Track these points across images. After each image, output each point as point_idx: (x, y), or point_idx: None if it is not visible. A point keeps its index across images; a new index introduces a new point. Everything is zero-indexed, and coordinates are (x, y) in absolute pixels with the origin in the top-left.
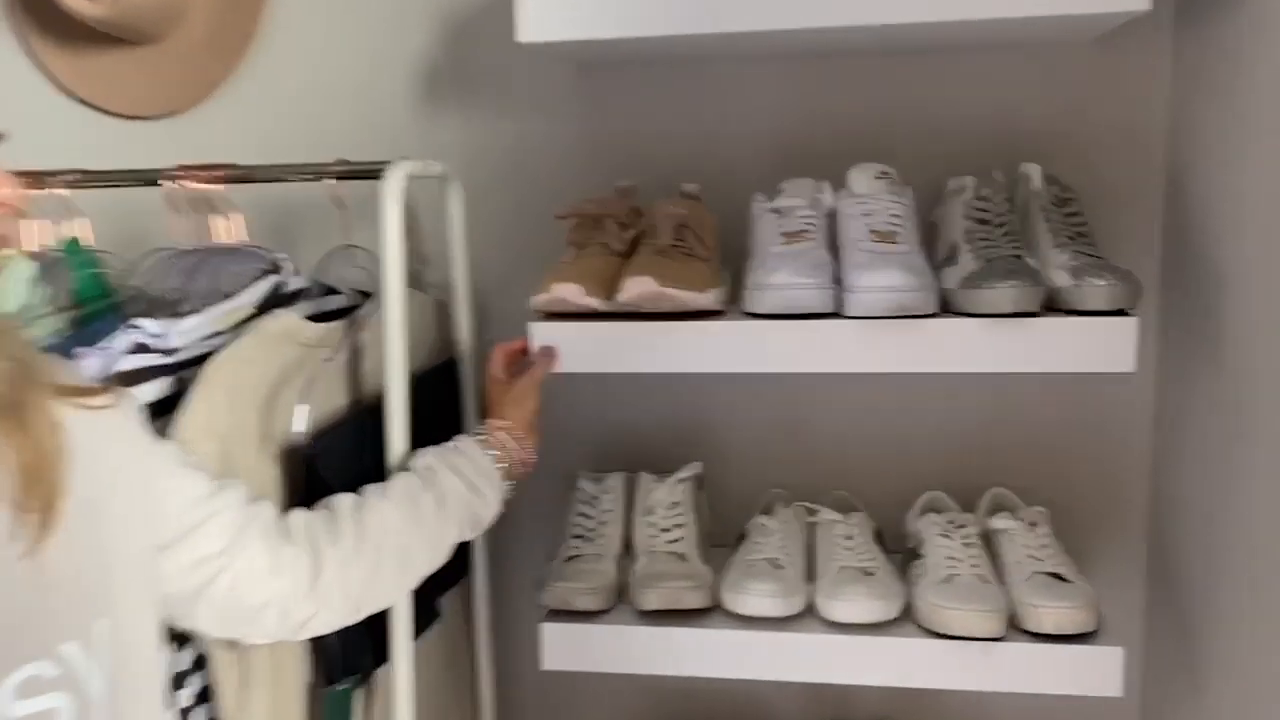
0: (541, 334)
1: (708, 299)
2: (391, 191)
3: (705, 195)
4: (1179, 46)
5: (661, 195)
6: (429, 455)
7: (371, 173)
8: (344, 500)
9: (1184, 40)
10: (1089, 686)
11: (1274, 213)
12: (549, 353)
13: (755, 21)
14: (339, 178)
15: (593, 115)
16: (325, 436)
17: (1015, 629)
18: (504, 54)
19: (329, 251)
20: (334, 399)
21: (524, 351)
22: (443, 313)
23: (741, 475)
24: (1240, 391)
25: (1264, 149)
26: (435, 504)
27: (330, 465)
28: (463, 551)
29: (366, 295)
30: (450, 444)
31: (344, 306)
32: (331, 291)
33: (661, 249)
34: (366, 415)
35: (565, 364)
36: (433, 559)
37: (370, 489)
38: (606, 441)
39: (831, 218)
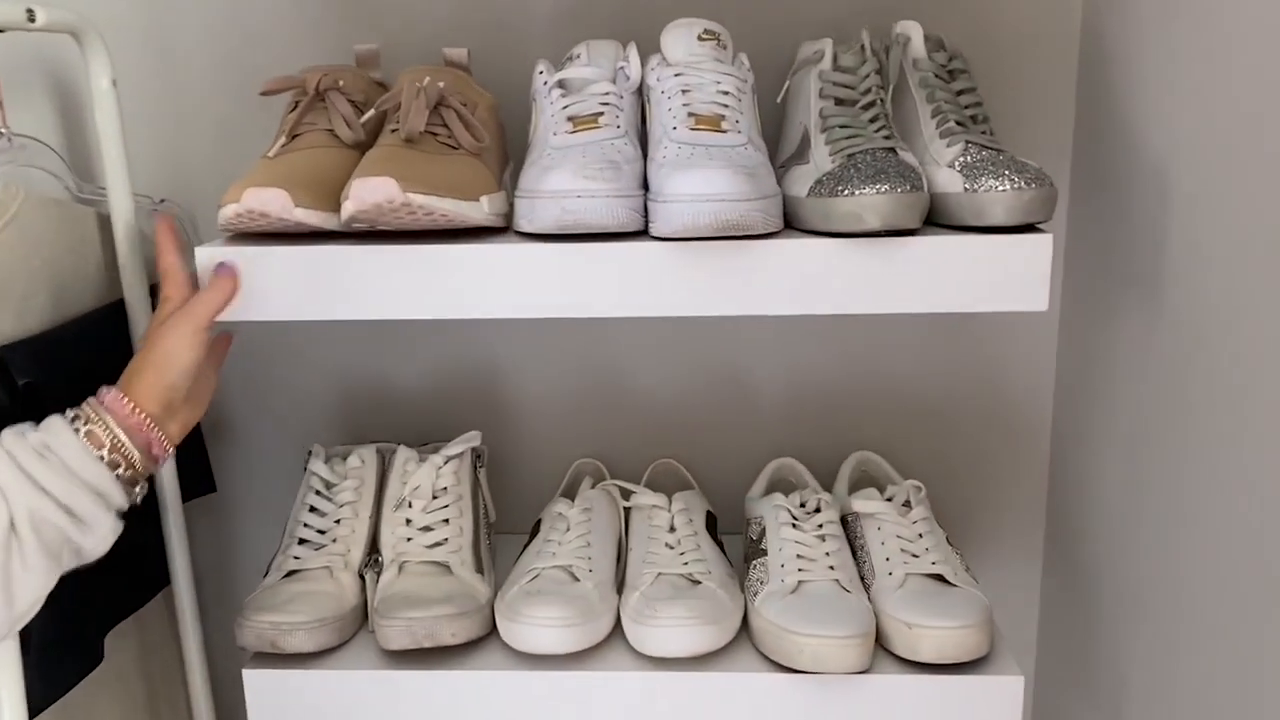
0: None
1: (479, 210)
2: None
3: (480, 65)
4: None
5: (418, 64)
6: None
7: None
8: None
9: None
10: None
11: (1239, 78)
12: (225, 275)
13: None
14: None
15: None
16: None
17: (884, 649)
18: None
19: None
20: None
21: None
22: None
23: (539, 441)
24: (1180, 338)
25: None
26: (3, 543)
27: None
28: (150, 558)
29: None
30: (36, 436)
31: None
32: None
33: (411, 137)
34: None
35: (268, 308)
36: (8, 620)
37: None
38: (355, 403)
39: (642, 97)
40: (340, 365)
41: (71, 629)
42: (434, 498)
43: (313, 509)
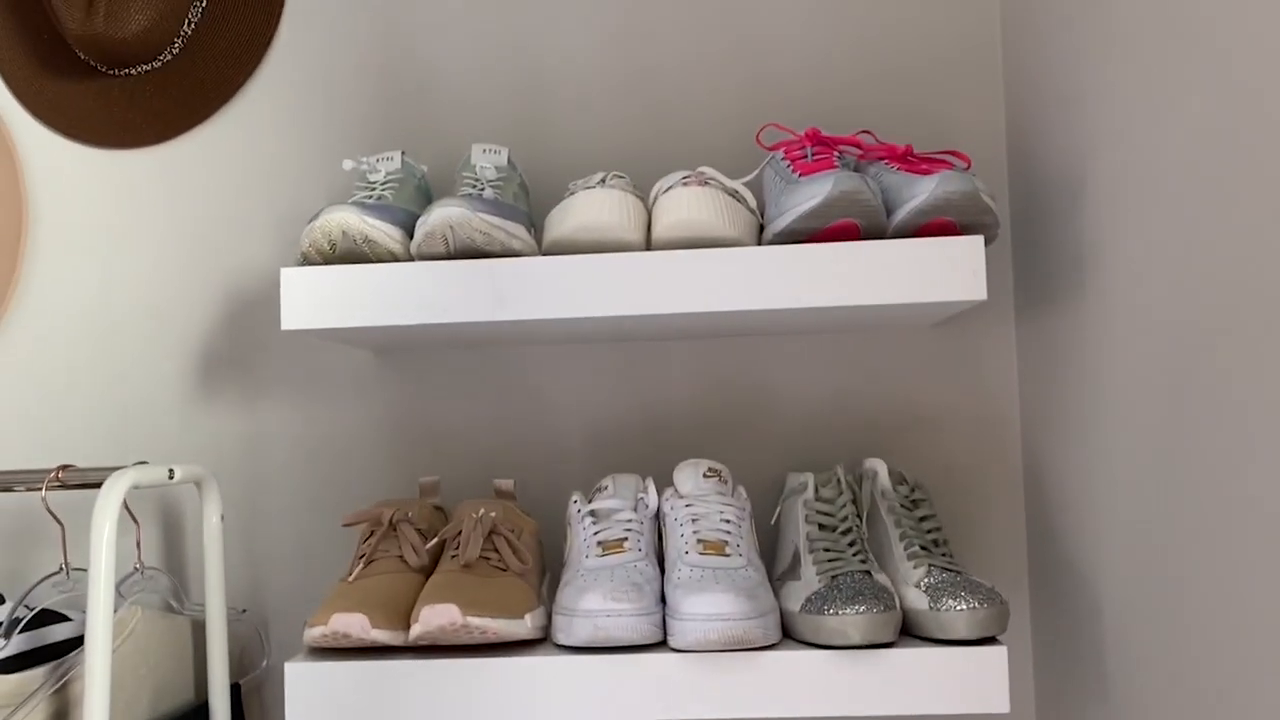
0: (306, 678)
1: (524, 627)
2: (106, 506)
3: (523, 492)
4: (1022, 332)
5: (472, 492)
6: None
7: (91, 483)
8: None
9: (1026, 326)
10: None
11: (1130, 504)
12: None
13: (524, 309)
14: (50, 488)
15: (391, 402)
16: None
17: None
18: (288, 335)
19: (45, 576)
20: None
21: None
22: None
23: None
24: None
25: (1113, 427)
26: None
27: None
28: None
29: None
30: None
31: (75, 636)
32: (59, 619)
33: (468, 563)
34: None
35: (342, 716)
36: None
37: None
38: None
39: (658, 520)
40: None
41: None
42: None
43: None
